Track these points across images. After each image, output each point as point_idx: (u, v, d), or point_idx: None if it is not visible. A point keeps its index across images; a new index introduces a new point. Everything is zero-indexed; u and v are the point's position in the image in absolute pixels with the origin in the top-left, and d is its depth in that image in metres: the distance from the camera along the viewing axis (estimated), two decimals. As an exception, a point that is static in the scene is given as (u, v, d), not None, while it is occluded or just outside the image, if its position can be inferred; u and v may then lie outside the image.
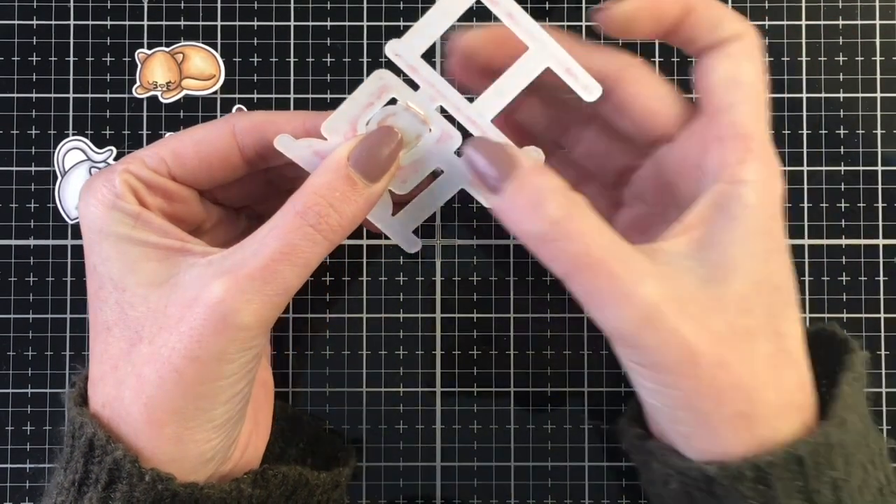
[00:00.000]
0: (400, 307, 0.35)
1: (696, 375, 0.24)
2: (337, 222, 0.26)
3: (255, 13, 0.36)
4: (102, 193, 0.27)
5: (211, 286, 0.25)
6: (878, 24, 0.36)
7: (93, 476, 0.25)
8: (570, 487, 0.35)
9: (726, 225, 0.25)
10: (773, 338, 0.25)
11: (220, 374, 0.26)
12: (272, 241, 0.25)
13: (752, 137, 0.25)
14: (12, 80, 0.36)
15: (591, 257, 0.24)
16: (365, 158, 0.26)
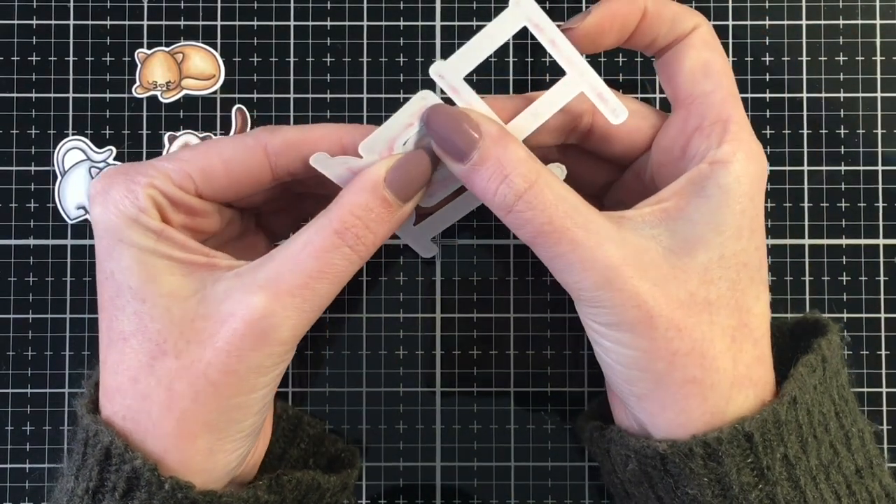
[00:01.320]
0: (400, 307, 0.35)
1: (651, 337, 0.25)
2: (371, 242, 0.26)
3: (255, 13, 0.36)
4: (124, 204, 0.26)
5: (249, 301, 0.25)
6: (879, 24, 0.36)
7: (109, 484, 0.25)
8: (570, 487, 0.35)
9: (699, 202, 0.26)
10: (735, 312, 0.26)
11: (255, 386, 0.26)
12: (309, 258, 0.26)
13: (730, 120, 0.26)
14: (12, 79, 0.36)
15: (553, 225, 0.25)
16: (400, 180, 0.27)
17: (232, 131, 0.36)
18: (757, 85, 0.36)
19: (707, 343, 0.25)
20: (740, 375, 0.25)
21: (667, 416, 0.26)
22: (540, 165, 0.26)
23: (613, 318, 0.25)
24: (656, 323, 0.25)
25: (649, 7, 0.27)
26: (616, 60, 0.36)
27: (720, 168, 0.26)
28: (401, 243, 0.35)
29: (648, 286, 0.25)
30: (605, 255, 0.25)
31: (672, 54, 0.28)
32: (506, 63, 0.36)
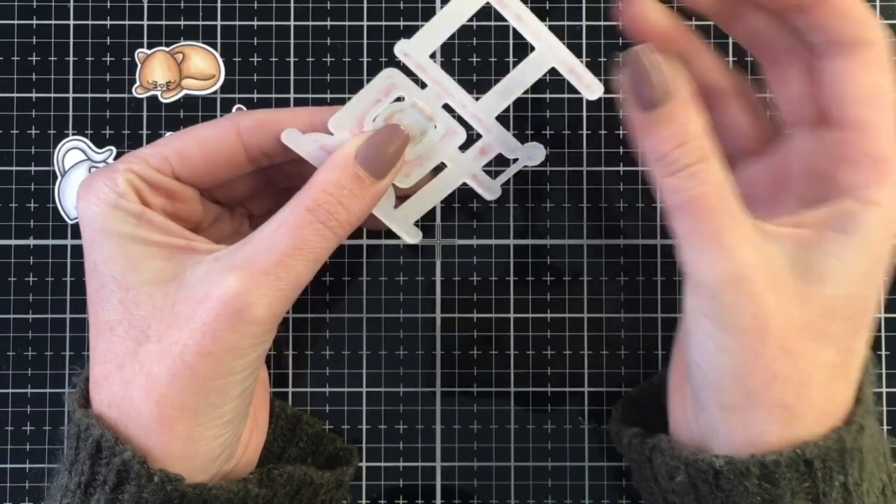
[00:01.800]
0: (400, 307, 0.35)
1: (758, 351, 0.24)
2: (345, 218, 0.27)
3: (255, 13, 0.36)
4: (104, 192, 0.27)
5: (224, 281, 0.25)
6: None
7: (100, 478, 0.25)
8: (570, 487, 0.35)
9: (837, 237, 0.25)
10: (843, 351, 0.25)
11: (233, 368, 0.26)
12: (283, 236, 0.26)
13: (889, 160, 0.25)
14: (12, 79, 0.36)
15: (707, 201, 0.24)
16: (372, 156, 0.27)
17: (232, 131, 0.36)
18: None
19: (808, 373, 0.25)
20: (828, 412, 0.25)
21: (745, 434, 0.25)
22: (715, 146, 0.25)
23: (729, 318, 0.24)
24: (767, 339, 0.24)
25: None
26: (616, 61, 0.36)
27: (869, 209, 0.25)
28: (401, 243, 0.35)
29: (773, 299, 0.24)
30: (744, 252, 0.24)
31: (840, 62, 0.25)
32: (506, 63, 0.36)
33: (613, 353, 0.35)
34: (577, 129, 0.35)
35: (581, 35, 0.36)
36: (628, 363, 0.35)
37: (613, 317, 0.35)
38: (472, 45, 0.36)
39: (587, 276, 0.35)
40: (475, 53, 0.36)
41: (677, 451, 0.26)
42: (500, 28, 0.36)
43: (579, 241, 0.35)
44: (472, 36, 0.36)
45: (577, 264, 0.35)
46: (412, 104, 0.28)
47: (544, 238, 0.35)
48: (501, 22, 0.36)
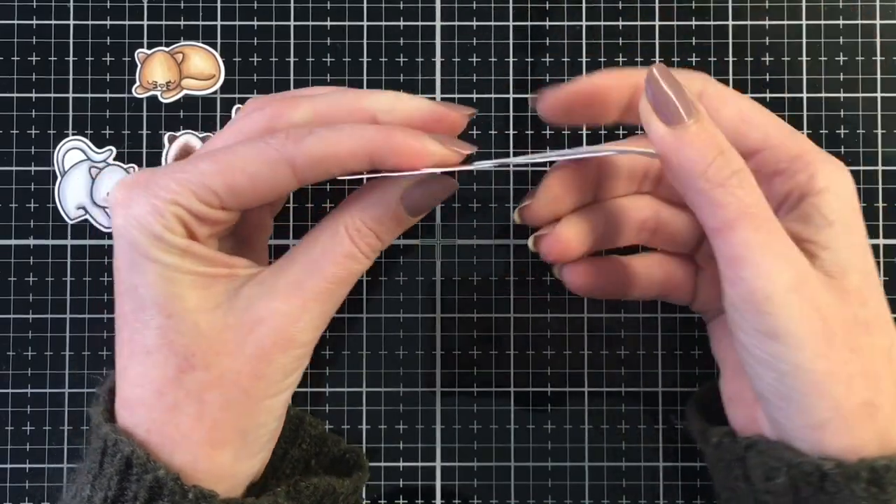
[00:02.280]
0: (400, 307, 0.35)
1: (830, 357, 0.24)
2: (378, 248, 0.28)
3: (255, 13, 0.36)
4: (148, 222, 0.26)
5: (275, 308, 0.26)
6: (879, 24, 0.36)
7: (129, 494, 0.25)
8: (570, 487, 0.35)
9: (825, 231, 0.26)
10: (886, 328, 0.26)
11: (281, 387, 0.27)
12: (329, 264, 0.27)
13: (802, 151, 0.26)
14: (12, 80, 0.36)
15: (761, 209, 0.24)
16: (418, 201, 0.28)
17: (232, 131, 0.36)
18: (757, 85, 0.36)
19: (875, 364, 0.25)
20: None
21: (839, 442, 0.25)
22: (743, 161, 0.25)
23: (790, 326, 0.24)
24: (834, 340, 0.24)
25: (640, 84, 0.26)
26: (616, 61, 0.36)
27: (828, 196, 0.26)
28: (401, 243, 0.35)
29: (828, 302, 0.25)
30: (796, 258, 0.25)
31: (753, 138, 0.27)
32: (506, 63, 0.36)
33: (613, 353, 0.35)
34: (577, 129, 0.35)
35: (581, 35, 0.36)
36: (628, 363, 0.35)
37: (613, 317, 0.35)
38: (472, 46, 0.36)
39: (587, 276, 0.35)
40: (475, 53, 0.36)
41: (778, 451, 0.26)
42: (500, 28, 0.36)
43: (579, 241, 0.35)
44: (472, 36, 0.36)
45: (577, 264, 0.35)
46: None
47: (544, 238, 0.35)
48: (502, 22, 0.36)
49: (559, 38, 0.36)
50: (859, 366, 0.25)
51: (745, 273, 0.24)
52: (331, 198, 0.36)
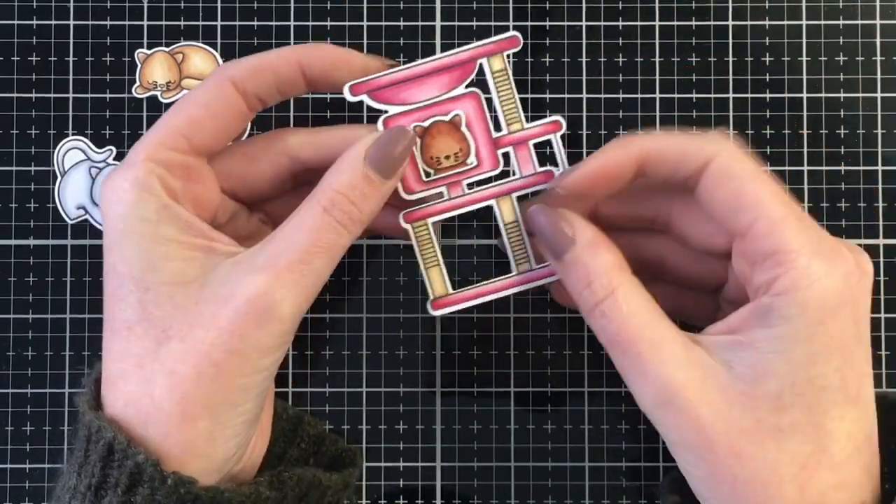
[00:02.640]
0: (400, 307, 0.35)
1: (712, 461, 0.25)
2: (358, 217, 0.27)
3: (255, 13, 0.36)
4: (124, 189, 0.27)
5: (249, 281, 0.26)
6: (879, 24, 0.36)
7: (112, 480, 0.25)
8: (570, 487, 0.35)
9: (765, 332, 0.25)
10: (811, 437, 0.25)
11: (257, 367, 0.26)
12: (303, 235, 0.27)
13: (780, 250, 0.25)
14: (12, 80, 0.36)
15: (621, 336, 0.26)
16: (380, 157, 0.28)
17: (232, 131, 0.36)
18: (757, 85, 0.36)
19: (769, 471, 0.25)
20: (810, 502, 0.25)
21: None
22: (624, 278, 0.27)
23: (675, 437, 0.26)
24: (715, 448, 0.25)
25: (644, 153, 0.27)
26: (616, 61, 0.36)
27: (782, 299, 0.25)
28: (401, 243, 0.35)
29: (709, 411, 0.25)
30: (668, 373, 0.25)
31: (699, 193, 0.27)
32: (506, 63, 0.36)
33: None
34: (577, 129, 0.35)
35: (581, 35, 0.36)
36: (628, 363, 0.35)
37: (613, 317, 0.35)
38: (472, 45, 0.36)
39: (587, 276, 0.35)
40: (475, 53, 0.36)
41: None
42: (501, 28, 0.36)
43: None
44: (472, 36, 0.36)
45: (577, 264, 0.35)
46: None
47: (544, 238, 0.35)
48: (501, 22, 0.36)
49: (559, 38, 0.36)
50: (747, 471, 0.25)
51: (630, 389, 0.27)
52: (331, 198, 0.35)
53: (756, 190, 0.26)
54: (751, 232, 0.26)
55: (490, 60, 0.29)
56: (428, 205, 0.30)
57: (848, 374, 0.25)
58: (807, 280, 0.25)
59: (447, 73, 0.30)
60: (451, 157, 0.30)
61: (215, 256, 0.27)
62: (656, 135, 0.28)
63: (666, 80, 0.36)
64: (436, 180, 0.30)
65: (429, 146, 0.30)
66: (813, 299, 0.25)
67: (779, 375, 0.25)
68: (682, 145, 0.27)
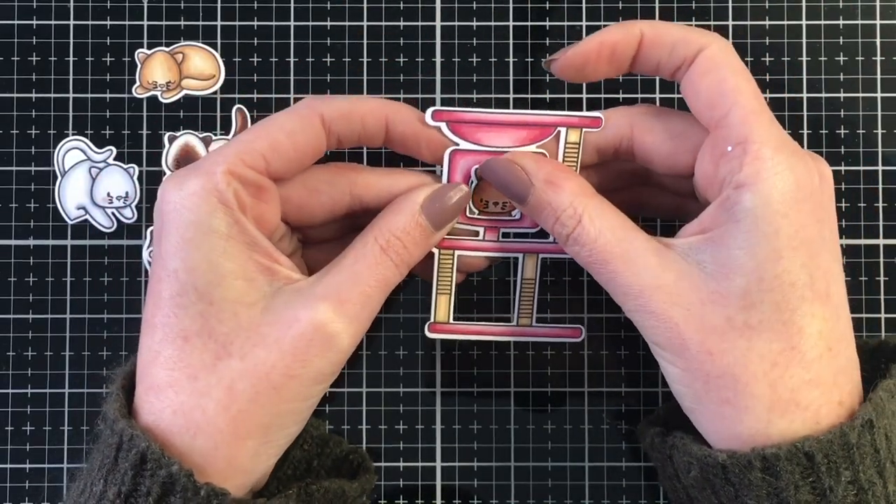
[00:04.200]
0: (400, 308, 0.35)
1: (686, 357, 0.26)
2: (408, 260, 0.29)
3: (255, 13, 0.36)
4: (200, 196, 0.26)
5: (314, 308, 0.26)
6: (879, 24, 0.36)
7: (143, 489, 0.25)
8: (570, 487, 0.35)
9: (731, 227, 0.26)
10: (781, 335, 0.25)
11: (311, 393, 0.27)
12: (365, 271, 0.28)
13: (748, 140, 0.26)
14: (12, 80, 0.36)
15: (594, 257, 0.27)
16: (435, 208, 0.29)
17: (232, 132, 0.36)
18: (757, 85, 0.36)
19: (740, 367, 0.25)
20: (782, 399, 0.25)
21: (712, 431, 0.27)
22: (587, 202, 0.28)
23: (653, 338, 0.27)
24: (688, 345, 0.26)
25: (646, 33, 0.28)
26: (616, 60, 0.36)
27: (745, 192, 0.25)
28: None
29: (681, 311, 0.26)
30: (641, 281, 0.26)
31: (686, 81, 0.28)
32: (506, 63, 0.36)
33: (613, 353, 0.35)
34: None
35: (581, 35, 0.36)
36: (628, 363, 0.35)
37: (613, 317, 0.35)
38: (472, 46, 0.36)
39: (587, 277, 0.35)
40: (475, 53, 0.36)
41: (689, 447, 0.27)
42: (500, 28, 0.36)
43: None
44: (472, 36, 0.36)
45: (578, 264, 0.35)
46: None
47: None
48: (502, 22, 0.36)
49: (559, 38, 0.36)
50: (718, 368, 0.26)
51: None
52: (331, 198, 0.35)
53: (738, 83, 0.27)
54: (725, 120, 0.26)
55: (569, 132, 0.30)
56: (461, 238, 0.31)
57: (815, 272, 0.26)
58: (771, 171, 0.25)
59: (526, 129, 0.30)
60: (499, 204, 0.31)
61: (276, 280, 0.27)
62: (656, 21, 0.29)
63: (666, 80, 0.35)
64: (477, 219, 0.31)
65: (482, 189, 0.31)
66: (776, 190, 0.25)
67: (746, 272, 0.25)
68: (680, 31, 0.28)
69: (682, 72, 0.28)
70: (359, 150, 0.36)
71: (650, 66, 0.29)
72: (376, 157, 0.36)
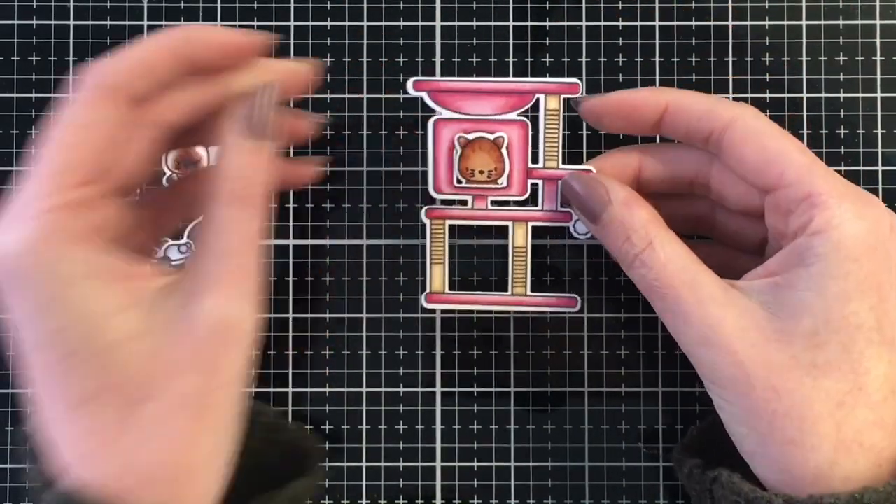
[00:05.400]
0: (400, 307, 0.35)
1: (749, 395, 0.26)
2: (260, 191, 0.26)
3: (254, 13, 0.36)
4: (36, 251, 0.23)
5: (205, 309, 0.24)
6: (879, 24, 0.36)
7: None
8: (570, 487, 0.35)
9: (801, 271, 0.26)
10: (848, 375, 0.25)
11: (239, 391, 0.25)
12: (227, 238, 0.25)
13: (812, 194, 0.26)
14: (12, 80, 0.36)
15: (660, 282, 0.27)
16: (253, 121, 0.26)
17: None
18: (757, 85, 0.36)
19: (807, 406, 0.25)
20: (846, 440, 0.25)
21: (774, 474, 0.26)
22: (659, 230, 0.28)
23: (714, 375, 0.27)
24: (753, 382, 0.26)
25: (671, 102, 0.29)
26: (616, 61, 0.36)
27: (817, 238, 0.26)
28: (401, 244, 0.35)
29: (746, 346, 0.26)
30: (706, 312, 0.26)
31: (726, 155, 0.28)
32: (506, 63, 0.36)
33: (613, 353, 0.35)
34: (577, 129, 0.35)
35: (581, 35, 0.36)
36: (628, 363, 0.35)
37: (613, 317, 0.35)
38: (472, 46, 0.36)
39: (587, 277, 0.35)
40: (475, 53, 0.36)
41: (737, 486, 0.27)
42: (500, 28, 0.36)
43: (579, 241, 0.35)
44: (472, 36, 0.36)
45: (577, 264, 0.35)
46: None
47: (544, 238, 0.35)
48: (502, 22, 0.36)
49: (559, 38, 0.36)
50: (785, 405, 0.25)
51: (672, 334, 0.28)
52: (330, 197, 0.36)
53: (781, 145, 0.27)
54: (781, 182, 0.27)
55: (548, 98, 0.31)
56: (451, 208, 0.32)
57: (882, 316, 0.26)
58: (839, 219, 0.26)
59: (505, 96, 0.31)
60: (485, 172, 0.31)
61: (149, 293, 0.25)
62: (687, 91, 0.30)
63: (666, 80, 0.35)
64: (465, 188, 0.32)
65: (467, 157, 0.31)
66: (847, 237, 0.26)
67: (813, 313, 0.25)
68: (707, 103, 0.29)
69: (713, 143, 0.29)
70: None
71: (679, 134, 0.30)
72: (376, 157, 0.36)
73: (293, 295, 0.35)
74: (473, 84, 0.31)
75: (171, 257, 0.35)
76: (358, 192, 0.36)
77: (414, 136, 0.35)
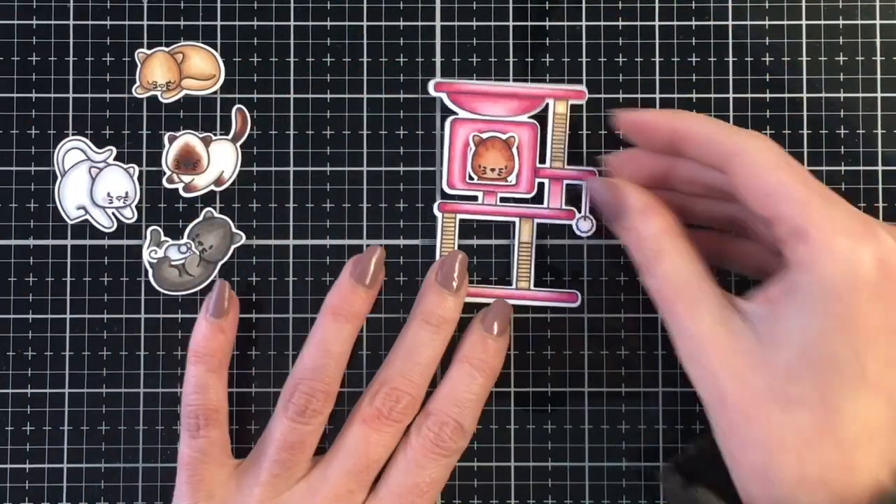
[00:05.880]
0: (400, 307, 0.35)
1: (725, 418, 0.27)
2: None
3: (255, 13, 0.36)
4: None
5: None
6: (879, 24, 0.36)
7: None
8: (570, 487, 0.35)
9: (790, 302, 0.26)
10: (819, 411, 0.25)
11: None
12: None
13: (803, 230, 0.26)
14: (12, 80, 0.36)
15: (661, 294, 0.29)
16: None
17: (232, 131, 0.36)
18: (757, 85, 0.36)
19: (775, 438, 0.25)
20: (810, 476, 0.25)
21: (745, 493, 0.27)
22: (670, 241, 0.29)
23: (700, 392, 0.28)
24: (728, 406, 0.26)
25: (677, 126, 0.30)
26: (616, 61, 0.36)
27: (805, 275, 0.26)
28: (401, 244, 0.35)
29: (727, 371, 0.26)
30: (698, 330, 0.27)
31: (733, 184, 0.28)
32: (506, 63, 0.36)
33: (613, 353, 0.35)
34: (577, 129, 0.35)
35: (581, 35, 0.36)
36: (628, 363, 0.35)
37: (613, 317, 0.35)
38: (472, 46, 0.36)
39: (587, 277, 0.35)
40: (475, 53, 0.36)
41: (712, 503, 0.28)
42: (500, 28, 0.36)
43: (579, 242, 0.35)
44: (473, 36, 0.36)
45: (577, 264, 0.35)
46: None
47: (544, 238, 0.35)
48: (502, 22, 0.36)
49: (559, 38, 0.36)
50: (754, 433, 0.26)
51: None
52: (330, 197, 0.36)
53: (778, 178, 0.27)
54: (776, 215, 0.27)
55: (556, 103, 0.34)
56: (463, 202, 0.34)
57: (867, 358, 0.25)
58: (826, 255, 0.25)
59: (518, 100, 0.34)
60: (496, 170, 0.34)
61: None
62: (697, 117, 0.31)
63: (666, 80, 0.36)
64: (476, 184, 0.34)
65: (480, 155, 0.34)
66: (831, 275, 0.25)
67: (791, 346, 0.26)
68: (709, 128, 0.29)
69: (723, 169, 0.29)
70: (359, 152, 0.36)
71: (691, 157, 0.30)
72: (376, 156, 0.36)
73: (293, 295, 0.35)
74: (489, 87, 0.34)
75: (171, 257, 0.35)
76: (358, 192, 0.36)
77: (414, 137, 0.35)
